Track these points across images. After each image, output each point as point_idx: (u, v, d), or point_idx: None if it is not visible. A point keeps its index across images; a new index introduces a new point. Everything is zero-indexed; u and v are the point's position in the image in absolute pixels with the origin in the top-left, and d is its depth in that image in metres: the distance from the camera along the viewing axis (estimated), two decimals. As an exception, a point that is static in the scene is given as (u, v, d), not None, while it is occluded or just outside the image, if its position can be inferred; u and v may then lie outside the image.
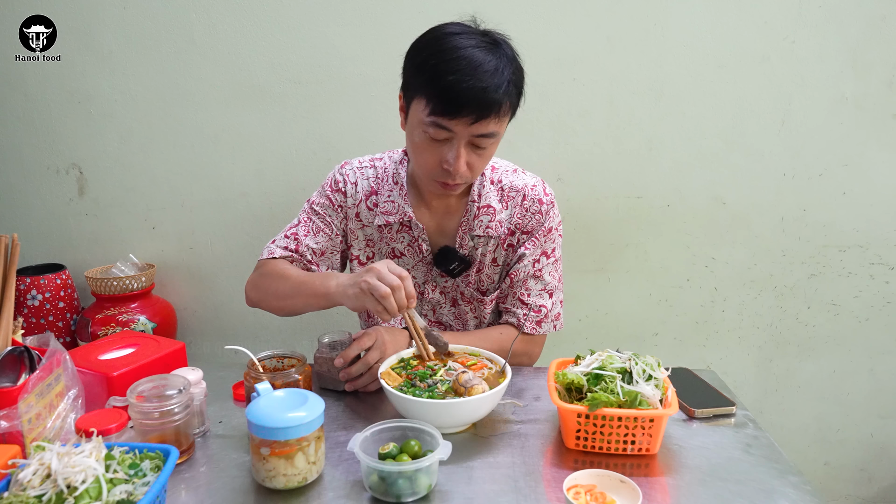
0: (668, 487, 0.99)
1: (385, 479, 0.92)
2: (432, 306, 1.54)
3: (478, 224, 1.43)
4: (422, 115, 1.23)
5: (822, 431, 2.31)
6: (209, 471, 1.02)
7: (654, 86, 2.01)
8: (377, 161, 1.52)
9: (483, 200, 1.43)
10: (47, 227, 2.24)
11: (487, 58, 1.18)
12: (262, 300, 1.45)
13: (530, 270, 1.45)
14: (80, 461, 0.80)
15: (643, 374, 1.08)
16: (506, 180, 1.46)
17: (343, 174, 1.50)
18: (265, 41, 2.03)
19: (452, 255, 1.44)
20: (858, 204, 2.09)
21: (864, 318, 2.19)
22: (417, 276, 1.51)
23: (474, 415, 1.12)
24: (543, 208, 1.44)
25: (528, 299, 1.46)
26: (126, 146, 2.15)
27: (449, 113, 1.18)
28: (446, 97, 1.17)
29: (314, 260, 1.48)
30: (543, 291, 1.47)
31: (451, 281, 1.49)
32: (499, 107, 1.20)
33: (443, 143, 1.25)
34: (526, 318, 1.46)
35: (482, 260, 1.47)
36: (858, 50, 1.95)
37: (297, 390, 1.01)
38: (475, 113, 1.18)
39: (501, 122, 1.24)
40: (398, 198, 1.44)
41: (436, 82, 1.18)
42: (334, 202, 1.49)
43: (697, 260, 2.17)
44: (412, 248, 1.48)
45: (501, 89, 1.18)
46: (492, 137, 1.24)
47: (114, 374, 1.13)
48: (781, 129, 2.03)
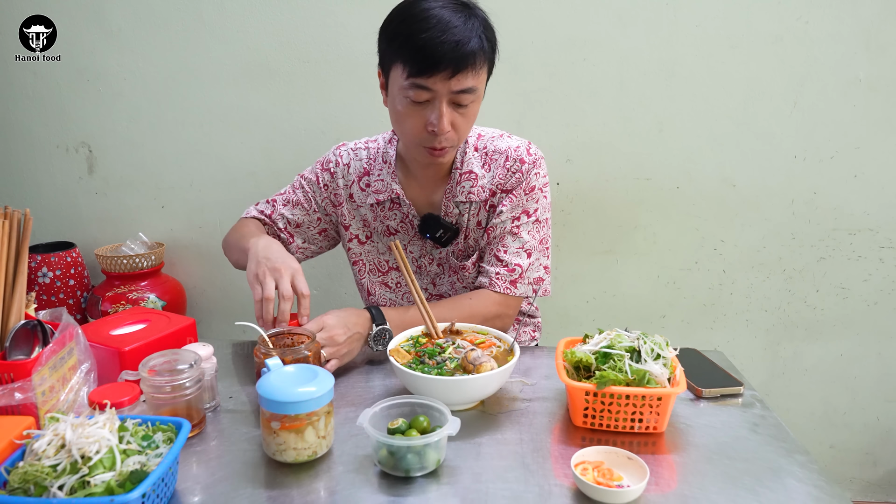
0: (675, 465, 0.99)
1: (394, 454, 0.93)
2: (431, 278, 1.56)
3: (460, 190, 1.44)
4: (401, 81, 1.25)
5: (828, 415, 2.32)
6: (220, 444, 1.04)
7: (664, 67, 2.00)
8: (371, 143, 1.54)
9: (465, 167, 1.44)
10: (57, 206, 2.25)
11: (457, 15, 1.21)
12: (226, 251, 1.56)
13: (508, 227, 1.44)
14: (94, 432, 0.81)
15: (651, 353, 1.08)
16: (490, 146, 1.46)
17: (336, 155, 1.54)
18: (274, 20, 2.02)
19: (434, 222, 1.45)
20: (870, 187, 2.07)
21: (873, 301, 2.18)
22: (413, 251, 1.53)
23: (483, 392, 1.12)
24: (525, 167, 1.43)
25: (503, 256, 1.44)
26: (135, 125, 2.15)
27: (427, 71, 1.20)
28: (422, 55, 1.19)
29: (287, 229, 1.54)
30: (521, 250, 1.44)
31: (444, 251, 1.51)
32: (474, 58, 1.21)
33: (424, 105, 1.26)
34: (499, 276, 1.43)
35: (467, 225, 1.47)
36: (872, 31, 1.93)
37: (307, 366, 1.02)
38: (451, 66, 1.20)
39: (478, 77, 1.25)
40: (387, 176, 1.47)
41: (410, 43, 1.21)
42: (320, 180, 1.53)
43: (706, 242, 2.16)
44: (404, 224, 1.50)
45: (473, 41, 1.21)
46: (471, 93, 1.25)
47: (125, 348, 1.14)
48: (793, 110, 2.01)
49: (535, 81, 2.01)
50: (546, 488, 0.92)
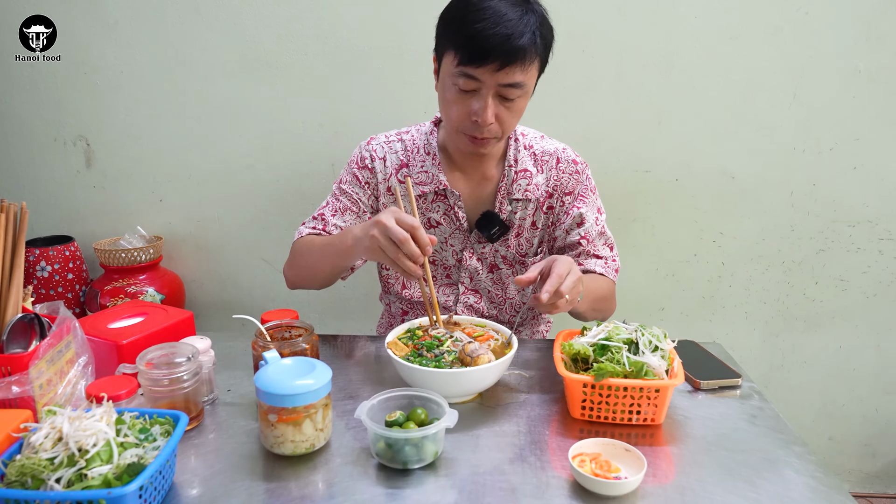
0: (673, 456, 0.99)
1: (392, 447, 0.93)
2: (470, 273, 1.54)
3: (517, 188, 1.45)
4: (451, 68, 1.25)
5: (826, 407, 2.32)
6: (218, 437, 1.04)
7: (663, 58, 1.99)
8: (404, 134, 1.52)
9: (520, 165, 1.46)
10: (55, 199, 2.25)
11: (514, 9, 1.20)
12: (298, 276, 1.47)
13: (597, 228, 1.49)
14: (91, 425, 0.81)
15: (649, 345, 1.08)
16: (537, 146, 1.49)
17: (370, 150, 1.50)
18: (271, 12, 2.01)
19: (496, 219, 1.45)
20: (869, 179, 2.07)
21: (872, 293, 2.18)
22: (455, 245, 1.51)
23: (480, 384, 1.12)
24: (579, 167, 1.49)
25: (602, 252, 1.49)
26: (133, 118, 2.14)
27: (475, 61, 1.20)
28: (472, 45, 1.20)
29: None
30: (606, 245, 1.51)
31: (489, 247, 1.50)
32: (523, 54, 1.20)
33: (471, 94, 1.26)
34: (607, 265, 1.48)
35: (521, 224, 1.49)
36: (873, 22, 1.92)
37: (304, 358, 1.02)
38: (500, 59, 1.19)
39: (527, 73, 1.24)
40: (431, 167, 1.45)
41: (462, 32, 1.21)
42: (361, 179, 1.49)
43: (705, 234, 2.16)
44: (448, 217, 1.48)
45: (525, 37, 1.20)
46: (518, 88, 1.25)
47: (123, 342, 1.14)
48: (793, 102, 2.01)
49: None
50: (544, 480, 0.92)
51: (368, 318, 2.26)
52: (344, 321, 2.32)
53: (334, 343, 1.43)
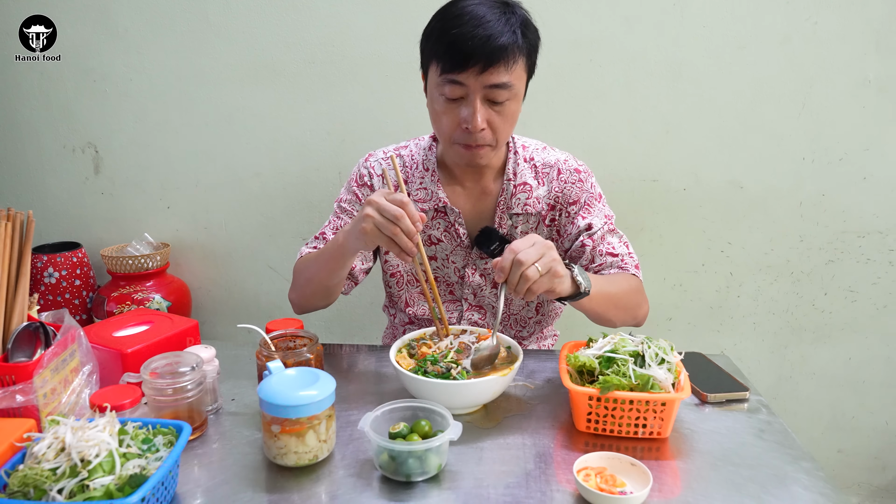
0: (679, 471, 0.98)
1: (395, 459, 0.93)
2: (473, 289, 1.51)
3: (516, 202, 1.42)
4: (436, 78, 1.24)
5: (836, 419, 2.30)
6: (221, 447, 1.03)
7: (671, 67, 1.98)
8: (402, 149, 1.50)
9: (519, 178, 1.42)
10: (63, 206, 2.26)
11: (492, 11, 1.19)
12: (301, 296, 1.45)
13: (606, 228, 1.43)
14: (93, 435, 0.81)
15: (656, 358, 1.07)
16: (538, 157, 1.45)
17: (368, 167, 1.49)
18: (279, 20, 2.02)
19: (494, 235, 1.42)
20: (879, 189, 2.05)
21: (882, 305, 2.16)
22: (457, 261, 1.49)
23: (485, 396, 1.12)
24: (582, 176, 1.44)
25: (615, 249, 1.43)
26: (141, 125, 2.16)
27: (458, 66, 1.19)
28: (453, 50, 1.19)
29: None
30: (621, 243, 1.45)
31: (490, 262, 1.48)
32: (506, 53, 1.19)
33: (459, 102, 1.25)
34: (624, 262, 1.42)
35: None
36: (882, 31, 1.91)
37: (308, 369, 1.02)
38: (482, 61, 1.18)
39: (512, 73, 1.22)
40: (430, 184, 1.43)
41: (443, 40, 1.20)
42: (361, 197, 1.48)
43: (713, 244, 2.14)
44: (449, 234, 1.46)
45: (506, 36, 1.18)
46: (505, 89, 1.23)
47: (128, 350, 1.14)
48: (802, 111, 2.00)
49: (541, 82, 1.99)
50: (548, 494, 0.92)
51: (374, 327, 2.26)
52: (349, 331, 2.31)
53: (339, 353, 1.42)
